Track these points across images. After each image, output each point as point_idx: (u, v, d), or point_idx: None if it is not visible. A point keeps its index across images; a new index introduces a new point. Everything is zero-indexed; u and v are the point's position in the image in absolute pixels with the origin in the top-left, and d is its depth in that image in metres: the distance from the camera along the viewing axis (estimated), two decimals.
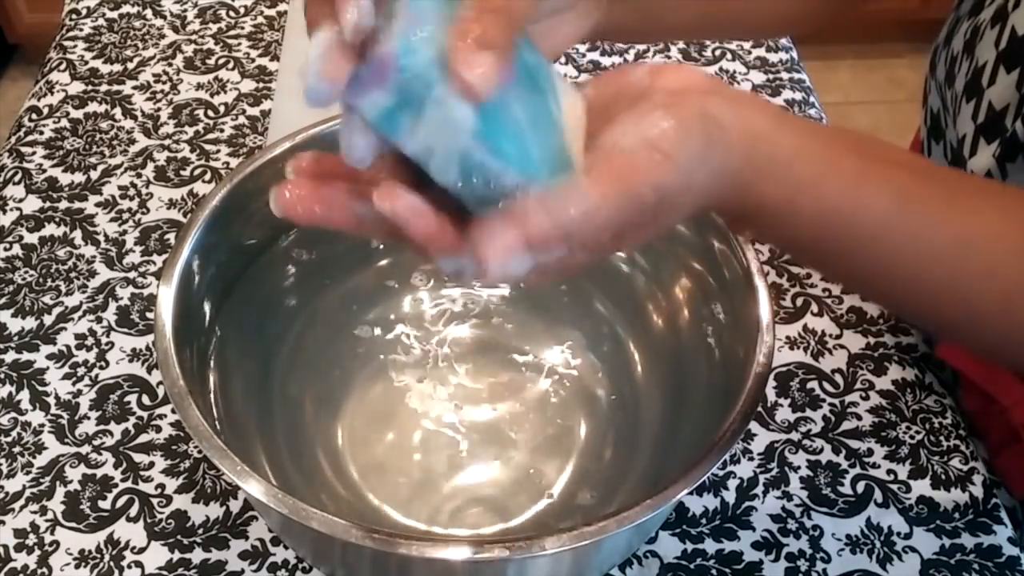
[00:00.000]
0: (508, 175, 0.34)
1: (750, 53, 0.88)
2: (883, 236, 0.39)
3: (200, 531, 0.57)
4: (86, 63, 0.85)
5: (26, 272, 0.69)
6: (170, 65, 0.85)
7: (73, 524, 0.57)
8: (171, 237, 0.71)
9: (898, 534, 0.58)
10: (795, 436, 0.62)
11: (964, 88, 0.56)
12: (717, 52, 0.88)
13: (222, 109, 0.81)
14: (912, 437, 0.62)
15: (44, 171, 0.76)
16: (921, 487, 0.60)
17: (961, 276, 0.40)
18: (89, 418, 0.61)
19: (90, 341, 0.65)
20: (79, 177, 0.75)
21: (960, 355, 0.61)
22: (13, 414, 0.61)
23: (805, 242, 0.41)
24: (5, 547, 0.56)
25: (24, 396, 0.62)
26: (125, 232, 0.72)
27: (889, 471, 0.61)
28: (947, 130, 0.59)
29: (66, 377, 0.63)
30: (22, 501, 0.58)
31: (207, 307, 0.55)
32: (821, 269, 0.55)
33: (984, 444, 0.62)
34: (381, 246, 0.65)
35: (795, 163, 0.38)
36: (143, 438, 0.61)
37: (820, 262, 0.44)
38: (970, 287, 0.41)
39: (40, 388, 0.63)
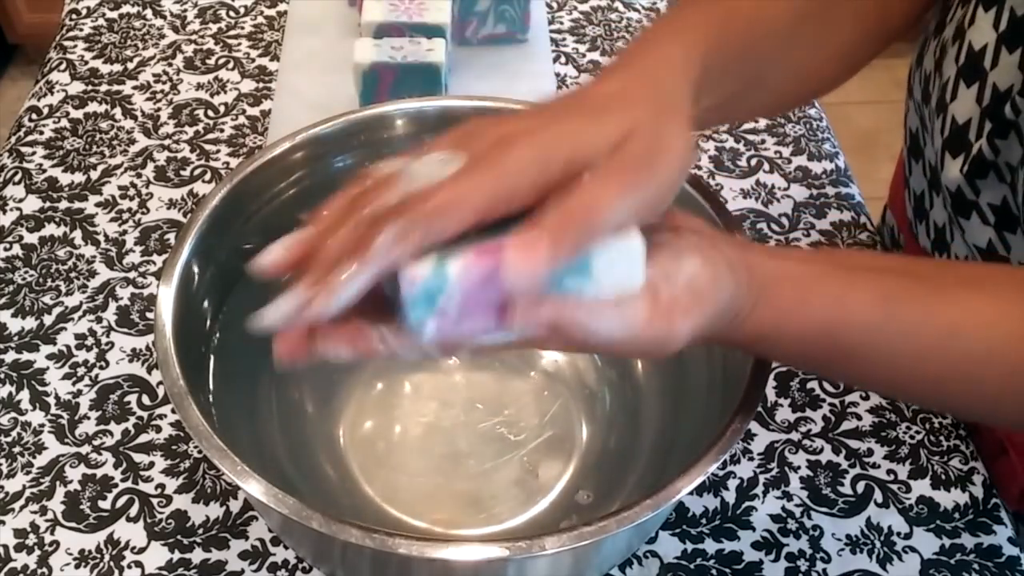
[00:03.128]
0: None
1: None
2: (873, 341, 0.42)
3: (200, 531, 0.57)
4: (86, 63, 0.85)
5: (26, 272, 0.69)
6: (170, 65, 0.85)
7: (73, 524, 0.57)
8: (171, 237, 0.71)
9: (898, 534, 0.58)
10: (795, 436, 0.62)
11: (936, 105, 0.57)
12: None
13: (222, 109, 0.81)
14: (912, 437, 0.62)
15: (44, 171, 0.76)
16: (921, 487, 0.60)
17: (957, 365, 0.43)
18: (89, 418, 0.61)
19: (90, 341, 0.65)
20: (79, 177, 0.75)
21: None
22: (13, 414, 0.61)
23: (795, 358, 0.47)
24: (5, 547, 0.56)
25: (24, 396, 0.62)
26: (125, 232, 0.72)
27: (889, 471, 0.61)
28: (925, 148, 0.60)
29: (66, 377, 0.63)
30: (22, 501, 0.58)
31: (207, 307, 0.55)
32: (819, 374, 0.62)
33: (982, 456, 0.62)
34: None
35: (780, 288, 0.41)
36: (143, 438, 0.61)
37: (815, 370, 0.51)
38: (968, 375, 0.43)
39: (40, 388, 0.63)
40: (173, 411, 0.60)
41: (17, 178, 0.75)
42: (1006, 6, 0.51)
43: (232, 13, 0.90)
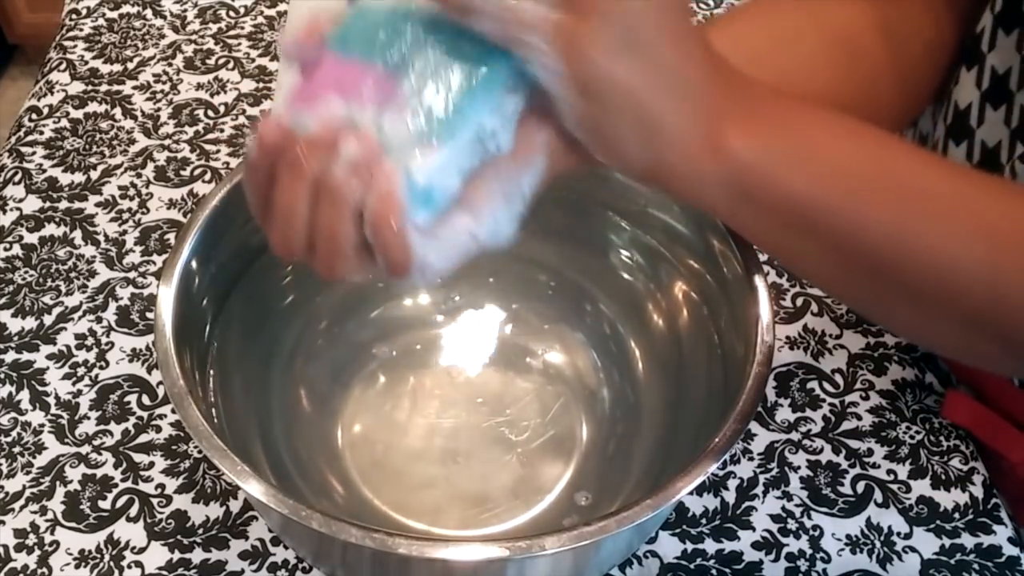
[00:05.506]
0: None
1: None
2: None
3: (200, 531, 0.57)
4: (86, 63, 0.85)
5: (26, 272, 0.69)
6: (170, 65, 0.85)
7: (73, 524, 0.57)
8: (171, 237, 0.71)
9: (898, 534, 0.58)
10: (795, 436, 0.62)
11: None
12: None
13: (222, 109, 0.81)
14: (912, 437, 0.62)
15: (44, 171, 0.76)
16: (921, 487, 0.60)
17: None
18: (89, 418, 0.61)
19: (90, 341, 0.65)
20: (79, 177, 0.75)
21: (966, 413, 0.61)
22: (13, 414, 0.61)
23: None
24: (5, 547, 0.56)
25: (24, 396, 0.62)
26: (125, 232, 0.72)
27: (889, 471, 0.61)
28: None
29: (66, 377, 0.63)
30: (22, 501, 0.58)
31: (207, 307, 0.55)
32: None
33: (1004, 499, 0.61)
34: None
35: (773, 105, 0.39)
36: (143, 438, 0.61)
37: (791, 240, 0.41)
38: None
39: (40, 388, 0.63)
40: (173, 411, 0.60)
41: (17, 178, 0.75)
42: (987, 64, 0.52)
43: (232, 13, 0.90)
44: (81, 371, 0.64)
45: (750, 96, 0.39)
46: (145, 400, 0.62)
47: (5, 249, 0.70)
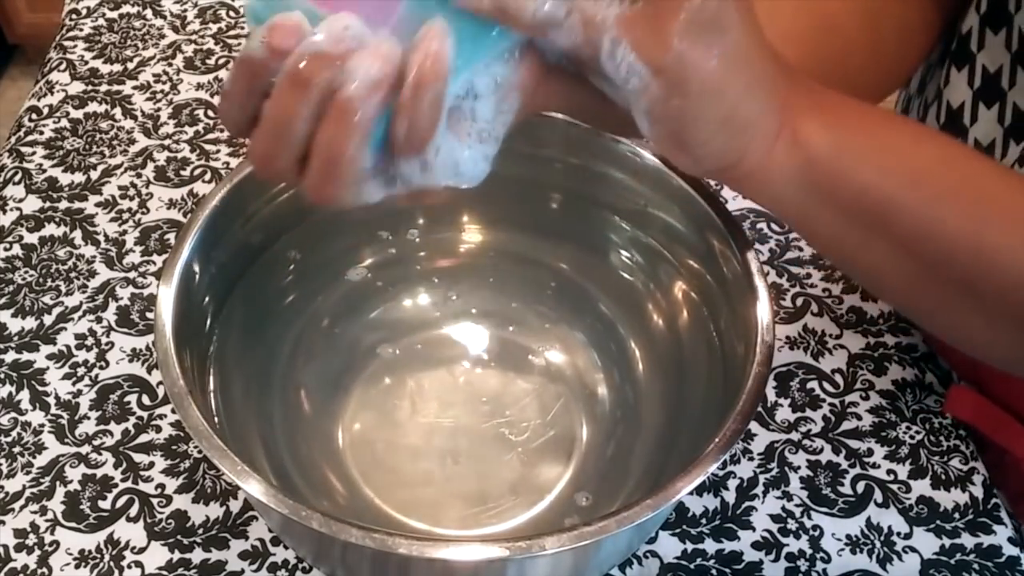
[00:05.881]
0: None
1: None
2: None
3: (200, 531, 0.57)
4: (86, 63, 0.85)
5: (26, 272, 0.69)
6: (170, 65, 0.85)
7: (73, 524, 0.57)
8: (171, 237, 0.71)
9: (898, 534, 0.58)
10: (795, 436, 0.62)
11: None
12: None
13: None
14: (912, 437, 0.62)
15: (44, 171, 0.76)
16: (921, 487, 0.60)
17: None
18: (89, 418, 0.61)
19: (90, 341, 0.65)
20: (79, 177, 0.75)
21: (969, 408, 0.61)
22: (13, 414, 0.61)
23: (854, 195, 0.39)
24: (5, 547, 0.56)
25: (24, 396, 0.62)
26: (125, 232, 0.72)
27: (889, 471, 0.61)
28: None
29: (66, 377, 0.63)
30: (22, 501, 0.58)
31: (207, 307, 0.55)
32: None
33: (1004, 496, 0.61)
34: (389, 236, 0.65)
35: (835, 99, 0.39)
36: (143, 438, 0.61)
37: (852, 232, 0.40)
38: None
39: (40, 388, 0.63)
40: (173, 411, 0.60)
41: (17, 178, 0.75)
42: (978, 64, 0.52)
43: (232, 13, 0.90)
44: (81, 371, 0.64)
45: (812, 90, 0.38)
46: (145, 400, 0.62)
47: (5, 249, 0.70)
